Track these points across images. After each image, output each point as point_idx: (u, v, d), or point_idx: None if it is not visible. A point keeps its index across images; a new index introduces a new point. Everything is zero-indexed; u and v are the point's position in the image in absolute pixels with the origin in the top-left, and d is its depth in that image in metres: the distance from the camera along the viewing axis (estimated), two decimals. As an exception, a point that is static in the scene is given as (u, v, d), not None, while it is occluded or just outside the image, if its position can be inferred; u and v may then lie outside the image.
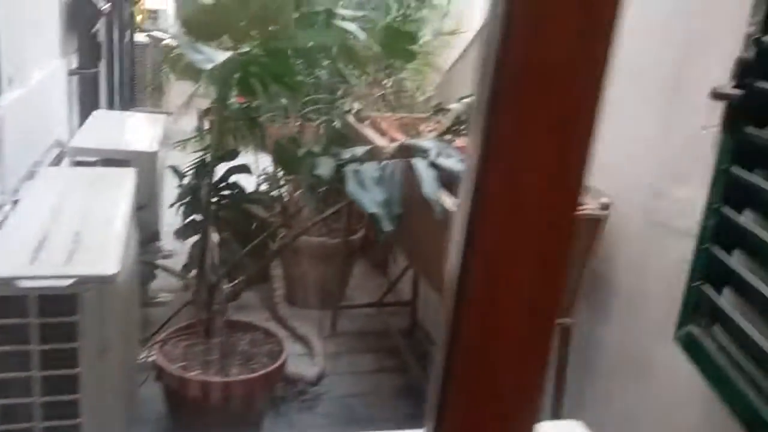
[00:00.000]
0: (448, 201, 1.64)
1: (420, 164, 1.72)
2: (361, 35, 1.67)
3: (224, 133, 2.83)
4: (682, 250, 1.41)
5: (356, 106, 2.29)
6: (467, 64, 2.73)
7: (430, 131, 2.44)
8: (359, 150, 1.87)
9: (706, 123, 1.39)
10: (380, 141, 2.23)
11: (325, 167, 1.71)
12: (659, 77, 1.57)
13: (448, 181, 1.80)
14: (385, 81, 2.78)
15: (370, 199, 1.66)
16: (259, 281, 3.13)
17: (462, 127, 2.08)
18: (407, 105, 2.89)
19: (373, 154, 1.91)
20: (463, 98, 2.13)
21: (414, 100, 3.03)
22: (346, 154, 1.85)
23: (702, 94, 1.30)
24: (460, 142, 2.18)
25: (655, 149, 1.58)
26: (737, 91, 1.14)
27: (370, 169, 1.75)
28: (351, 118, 2.29)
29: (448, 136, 2.10)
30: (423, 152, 1.80)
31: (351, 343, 2.92)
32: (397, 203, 1.75)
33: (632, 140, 1.67)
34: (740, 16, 1.24)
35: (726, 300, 1.25)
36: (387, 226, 1.65)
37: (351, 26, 1.69)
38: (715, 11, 1.39)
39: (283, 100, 2.59)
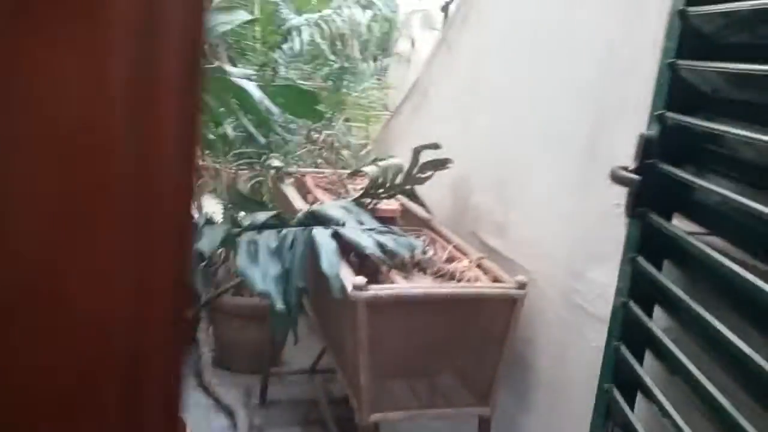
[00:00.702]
0: (349, 278, 1.48)
1: (320, 235, 1.56)
2: (257, 94, 1.53)
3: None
4: (601, 339, 1.26)
5: (276, 162, 2.13)
6: (405, 116, 2.60)
7: (361, 188, 2.29)
8: (262, 216, 1.71)
9: (619, 200, 1.25)
10: (299, 202, 2.07)
11: (210, 239, 1.55)
12: (574, 150, 1.43)
13: (357, 255, 1.65)
14: (318, 135, 2.64)
15: (262, 274, 1.49)
16: (186, 344, 2.92)
17: (380, 191, 1.93)
18: (346, 159, 2.75)
19: (281, 219, 1.75)
20: (378, 160, 1.99)
21: (355, 153, 2.89)
22: (248, 219, 1.69)
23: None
24: (384, 205, 2.04)
25: (570, 225, 1.44)
26: (634, 176, 1.00)
27: (268, 238, 1.59)
28: (270, 176, 2.14)
29: (368, 199, 1.95)
30: (327, 220, 1.64)
31: (280, 414, 2.70)
32: (299, 277, 1.58)
33: (549, 214, 1.53)
34: (649, 90, 1.12)
35: (638, 412, 1.09)
36: (279, 305, 1.47)
37: (248, 85, 1.55)
38: (626, 85, 1.27)
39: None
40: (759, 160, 0.91)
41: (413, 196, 2.01)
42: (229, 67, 1.59)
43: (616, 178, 1.05)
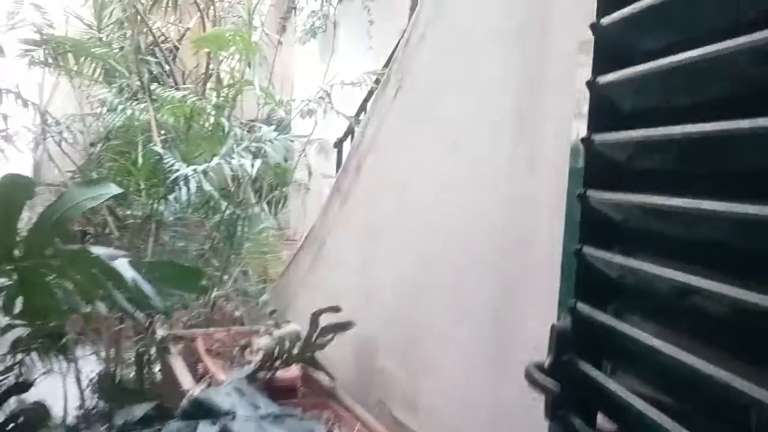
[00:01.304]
0: (241, 487, 1.27)
1: (206, 435, 1.34)
2: (129, 274, 1.36)
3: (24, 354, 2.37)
4: None
5: (161, 331, 1.92)
6: (303, 266, 2.47)
7: (258, 349, 2.09)
8: (139, 410, 1.48)
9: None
10: (186, 378, 1.85)
11: (71, 457, 1.30)
12: (484, 319, 1.34)
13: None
14: (210, 292, 2.45)
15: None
16: None
17: (276, 363, 1.75)
18: (241, 315, 2.55)
19: (162, 411, 1.52)
20: (274, 328, 1.82)
21: (252, 301, 2.70)
22: (122, 416, 1.45)
23: (528, 345, 1.07)
24: (283, 373, 1.85)
25: (488, 403, 1.31)
26: (550, 382, 0.90)
27: (145, 442, 1.36)
28: (155, 345, 1.91)
29: (262, 372, 1.76)
30: (215, 412, 1.43)
31: None
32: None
33: (464, 388, 1.41)
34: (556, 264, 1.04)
35: None
36: None
37: (119, 264, 1.38)
38: (528, 255, 1.21)
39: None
40: (664, 361, 0.83)
41: (314, 362, 1.84)
42: (96, 249, 1.41)
43: (531, 382, 0.94)
